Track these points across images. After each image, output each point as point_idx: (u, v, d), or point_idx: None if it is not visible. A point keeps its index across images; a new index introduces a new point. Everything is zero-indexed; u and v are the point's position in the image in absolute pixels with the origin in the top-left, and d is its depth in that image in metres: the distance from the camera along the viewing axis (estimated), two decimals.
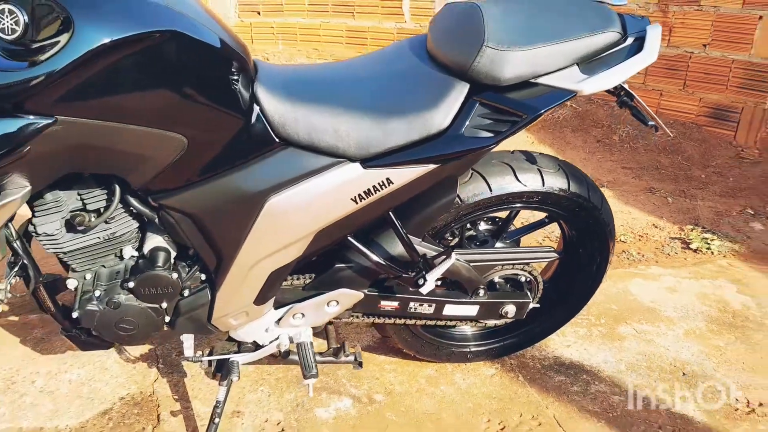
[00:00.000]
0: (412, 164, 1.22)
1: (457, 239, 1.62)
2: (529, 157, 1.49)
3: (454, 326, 1.76)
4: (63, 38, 0.96)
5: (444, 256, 1.40)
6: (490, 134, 1.20)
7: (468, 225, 1.59)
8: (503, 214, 1.61)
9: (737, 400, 1.75)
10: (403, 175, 1.24)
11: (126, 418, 1.62)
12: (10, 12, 0.95)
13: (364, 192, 1.25)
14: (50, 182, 1.14)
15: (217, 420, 1.45)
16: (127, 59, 1.00)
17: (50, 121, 1.00)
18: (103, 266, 1.34)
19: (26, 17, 0.95)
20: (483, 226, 1.64)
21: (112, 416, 1.62)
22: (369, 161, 1.22)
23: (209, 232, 1.26)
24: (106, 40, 0.97)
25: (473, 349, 1.80)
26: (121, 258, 1.34)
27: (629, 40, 1.27)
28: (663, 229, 2.82)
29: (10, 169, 1.04)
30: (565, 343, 1.97)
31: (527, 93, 1.20)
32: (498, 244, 1.61)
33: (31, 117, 0.99)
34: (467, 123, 1.20)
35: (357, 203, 1.26)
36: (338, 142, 1.21)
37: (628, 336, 2.03)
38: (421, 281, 1.40)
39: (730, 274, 2.46)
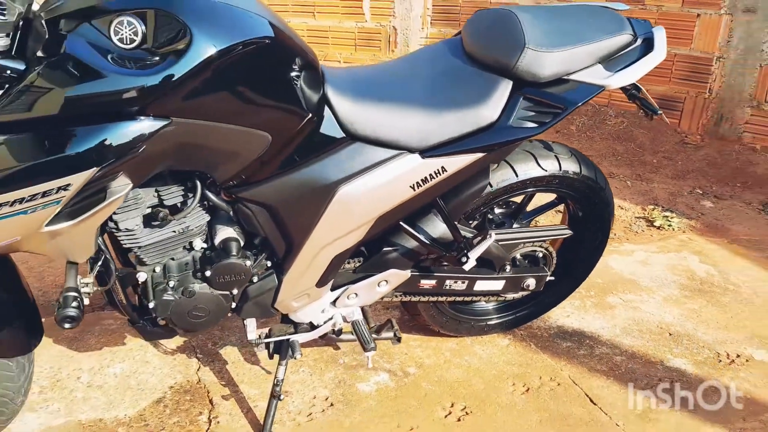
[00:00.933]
0: (465, 153, 1.39)
1: (477, 222, 1.79)
2: (546, 146, 1.68)
3: (473, 302, 1.94)
4: (181, 47, 1.07)
5: (483, 236, 1.57)
6: (535, 124, 1.38)
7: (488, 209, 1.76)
8: (518, 199, 1.80)
9: (718, 353, 2.01)
10: (456, 163, 1.40)
11: (180, 405, 1.71)
12: (129, 23, 1.05)
13: (422, 180, 1.40)
14: (146, 179, 1.23)
15: (282, 397, 1.57)
16: (233, 64, 1.12)
17: (166, 122, 1.10)
18: (172, 258, 1.43)
19: (144, 27, 1.06)
20: (498, 209, 1.82)
21: (167, 404, 1.71)
22: (426, 152, 1.38)
23: (283, 220, 1.38)
24: (220, 48, 1.08)
25: (489, 323, 1.98)
26: (190, 250, 1.43)
27: (639, 41, 1.48)
28: (628, 210, 3.09)
29: (122, 168, 1.13)
30: (564, 314, 2.18)
31: (563, 88, 1.39)
32: (515, 225, 1.79)
33: (149, 119, 1.09)
34: (514, 115, 1.37)
35: (414, 190, 1.41)
36: (400, 135, 1.35)
37: (616, 305, 2.27)
38: (464, 259, 1.56)
39: (691, 247, 2.75)
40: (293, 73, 1.23)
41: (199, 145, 1.19)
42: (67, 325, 1.23)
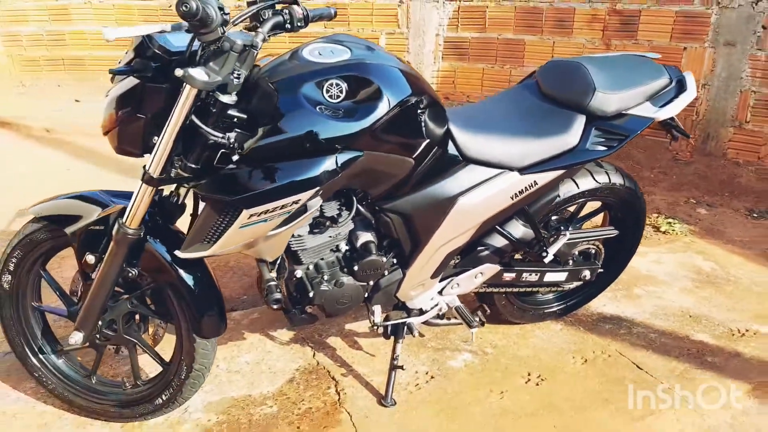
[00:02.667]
0: (553, 170, 1.82)
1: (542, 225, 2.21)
2: (598, 164, 2.12)
3: (535, 293, 2.35)
4: (373, 100, 1.48)
5: (558, 235, 2.00)
6: (605, 148, 1.82)
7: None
8: (572, 208, 2.23)
9: (731, 329, 2.46)
10: (545, 178, 1.83)
11: (310, 382, 2.08)
12: (337, 84, 1.47)
13: (519, 191, 1.82)
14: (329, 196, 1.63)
15: (403, 367, 1.97)
16: (401, 111, 1.54)
17: (360, 154, 1.52)
18: (322, 258, 1.82)
19: (346, 86, 1.47)
20: (555, 216, 2.24)
21: (298, 382, 2.08)
22: (523, 170, 1.81)
23: (414, 225, 1.79)
24: (396, 101, 1.51)
25: (546, 311, 2.40)
26: (335, 251, 1.83)
27: (673, 83, 1.94)
28: None
29: (323, 188, 1.53)
30: (601, 303, 2.61)
31: (624, 120, 1.84)
32: (570, 228, 2.22)
33: (351, 152, 1.50)
34: (589, 141, 1.81)
35: (513, 200, 1.83)
36: (504, 158, 1.78)
37: (642, 295, 2.71)
38: (544, 254, 1.99)
39: (694, 248, 3.22)
40: (430, 115, 1.66)
41: (373, 170, 1.60)
42: (275, 306, 1.63)
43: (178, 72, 1.36)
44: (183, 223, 1.73)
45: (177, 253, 1.56)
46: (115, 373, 2.09)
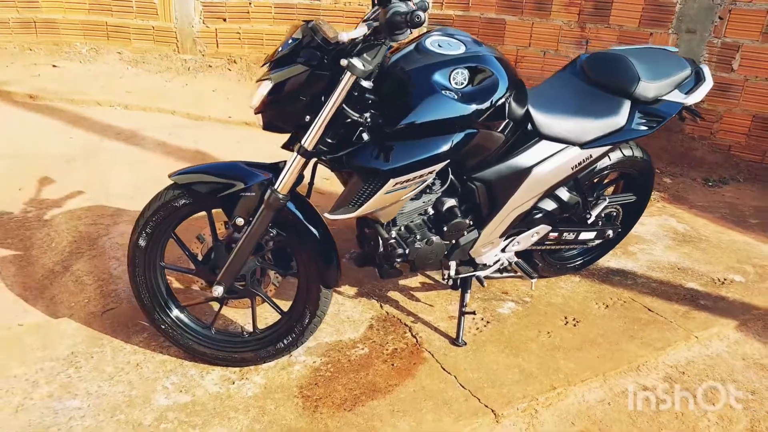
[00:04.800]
0: (606, 146, 2.20)
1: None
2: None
3: (561, 251, 2.75)
4: (490, 86, 1.79)
5: (598, 200, 2.39)
6: (647, 128, 2.21)
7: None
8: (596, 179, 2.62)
9: (713, 278, 2.96)
10: (598, 152, 2.21)
11: (387, 328, 2.40)
12: (461, 72, 1.77)
13: (578, 163, 2.19)
14: None
15: (470, 313, 2.33)
16: (508, 95, 1.86)
17: (476, 131, 1.82)
18: (411, 221, 2.12)
19: (468, 74, 1.77)
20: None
21: (377, 328, 2.39)
22: (584, 145, 2.17)
23: (495, 192, 2.12)
24: (505, 86, 1.82)
25: (568, 266, 2.82)
26: (422, 215, 2.13)
27: (694, 73, 2.35)
28: None
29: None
30: (606, 261, 3.05)
31: (661, 104, 2.23)
32: (600, 195, 2.62)
33: (469, 130, 1.81)
34: (634, 122, 2.19)
35: (572, 170, 2.20)
36: (570, 135, 2.14)
37: (636, 252, 3.18)
38: (587, 216, 2.38)
39: (667, 212, 3.74)
40: (519, 98, 1.98)
41: (479, 145, 1.91)
42: (399, 259, 1.92)
43: (343, 62, 1.62)
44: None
45: (326, 215, 1.83)
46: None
